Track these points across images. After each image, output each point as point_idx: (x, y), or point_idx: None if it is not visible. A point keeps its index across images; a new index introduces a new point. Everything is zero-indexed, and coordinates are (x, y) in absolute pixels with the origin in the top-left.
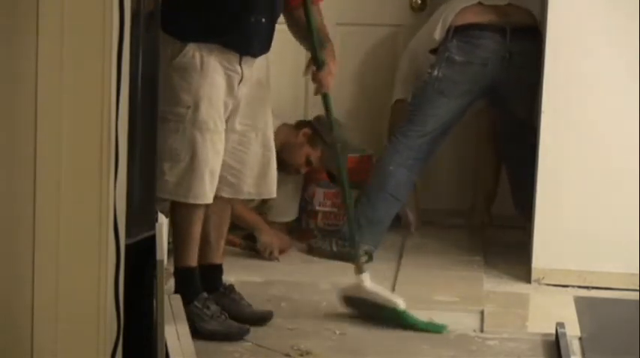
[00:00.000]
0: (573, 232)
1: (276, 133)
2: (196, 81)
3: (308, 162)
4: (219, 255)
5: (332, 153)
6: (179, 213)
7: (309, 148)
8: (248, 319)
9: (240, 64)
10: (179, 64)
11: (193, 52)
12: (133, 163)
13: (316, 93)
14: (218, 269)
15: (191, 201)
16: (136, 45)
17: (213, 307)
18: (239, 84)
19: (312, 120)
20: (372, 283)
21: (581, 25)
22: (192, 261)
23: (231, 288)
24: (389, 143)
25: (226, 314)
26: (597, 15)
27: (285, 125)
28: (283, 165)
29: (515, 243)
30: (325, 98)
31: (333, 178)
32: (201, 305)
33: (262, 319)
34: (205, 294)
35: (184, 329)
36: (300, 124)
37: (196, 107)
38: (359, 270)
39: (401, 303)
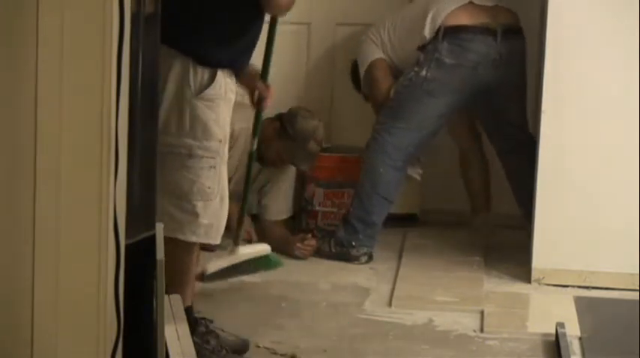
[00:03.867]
0: (573, 232)
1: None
2: (223, 111)
3: (282, 157)
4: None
5: (297, 149)
6: (184, 254)
7: (278, 142)
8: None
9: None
10: (209, 95)
11: (221, 80)
12: (133, 163)
13: (256, 103)
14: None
15: (217, 241)
16: (136, 45)
17: (213, 341)
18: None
19: (283, 114)
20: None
21: (581, 25)
22: (190, 300)
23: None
24: (372, 139)
25: (227, 348)
26: (597, 15)
27: (267, 119)
28: (263, 159)
29: (515, 243)
30: (258, 115)
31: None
32: (200, 340)
33: None
34: (203, 328)
35: (184, 329)
36: (276, 118)
37: (225, 140)
38: (236, 242)
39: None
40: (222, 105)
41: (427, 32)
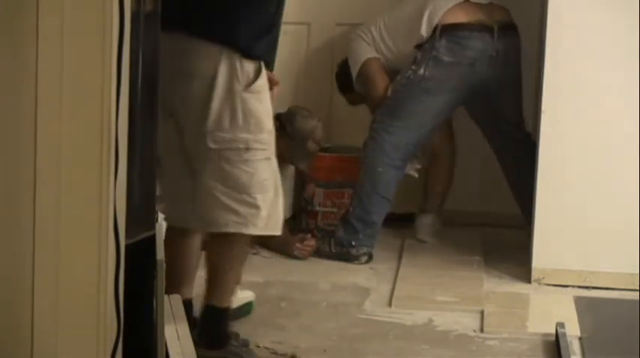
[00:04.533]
0: (573, 232)
1: None
2: (268, 102)
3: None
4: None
5: (296, 148)
6: (242, 247)
7: (277, 141)
8: None
9: None
10: (257, 87)
11: (264, 72)
12: (133, 163)
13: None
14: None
15: (277, 232)
16: (136, 45)
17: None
18: None
19: (282, 113)
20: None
21: (581, 25)
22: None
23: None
24: (370, 139)
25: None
26: (597, 15)
27: None
28: None
29: (515, 243)
30: None
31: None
32: (238, 344)
33: None
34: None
35: (184, 329)
36: (275, 117)
37: (272, 130)
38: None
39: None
40: (267, 96)
41: (424, 31)
